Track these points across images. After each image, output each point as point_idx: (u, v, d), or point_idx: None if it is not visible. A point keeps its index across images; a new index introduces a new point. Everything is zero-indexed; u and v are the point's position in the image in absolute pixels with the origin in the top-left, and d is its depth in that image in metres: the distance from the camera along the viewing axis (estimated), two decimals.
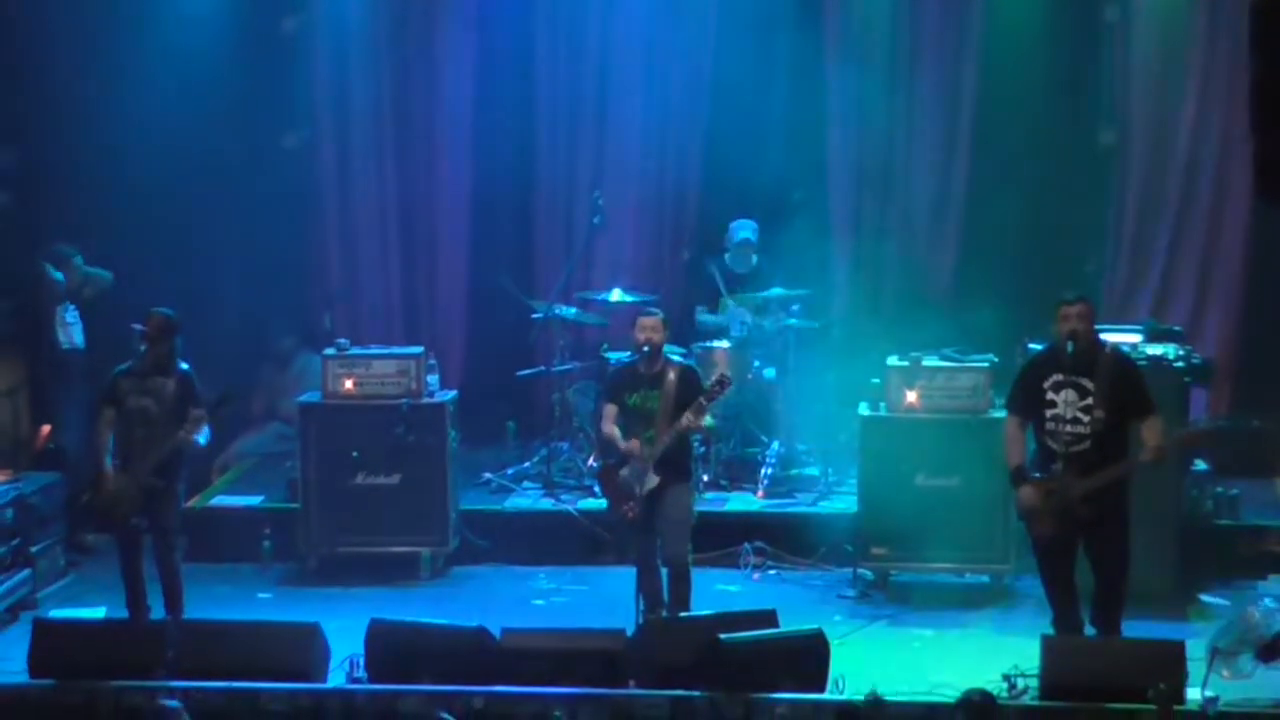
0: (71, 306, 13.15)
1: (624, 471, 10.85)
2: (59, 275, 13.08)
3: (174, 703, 8.71)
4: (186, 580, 11.13)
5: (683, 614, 10.69)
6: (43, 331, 13.12)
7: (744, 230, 13.67)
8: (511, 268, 14.37)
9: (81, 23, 14.05)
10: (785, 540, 12.47)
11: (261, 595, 12.25)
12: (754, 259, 13.67)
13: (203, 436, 10.98)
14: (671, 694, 9.68)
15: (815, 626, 10.13)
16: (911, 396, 11.97)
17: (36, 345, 13.21)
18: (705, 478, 12.96)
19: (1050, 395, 10.04)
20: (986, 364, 12.00)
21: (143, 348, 10.97)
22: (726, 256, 13.76)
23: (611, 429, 10.95)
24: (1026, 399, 10.19)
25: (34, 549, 12.14)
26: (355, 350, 12.77)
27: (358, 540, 12.51)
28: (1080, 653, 9.83)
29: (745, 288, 13.62)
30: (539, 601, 12.10)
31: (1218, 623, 10.40)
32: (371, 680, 10.05)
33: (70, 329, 13.16)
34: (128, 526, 10.94)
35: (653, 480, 10.76)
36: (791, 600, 11.59)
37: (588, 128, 14.66)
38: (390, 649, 10.09)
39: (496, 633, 10.10)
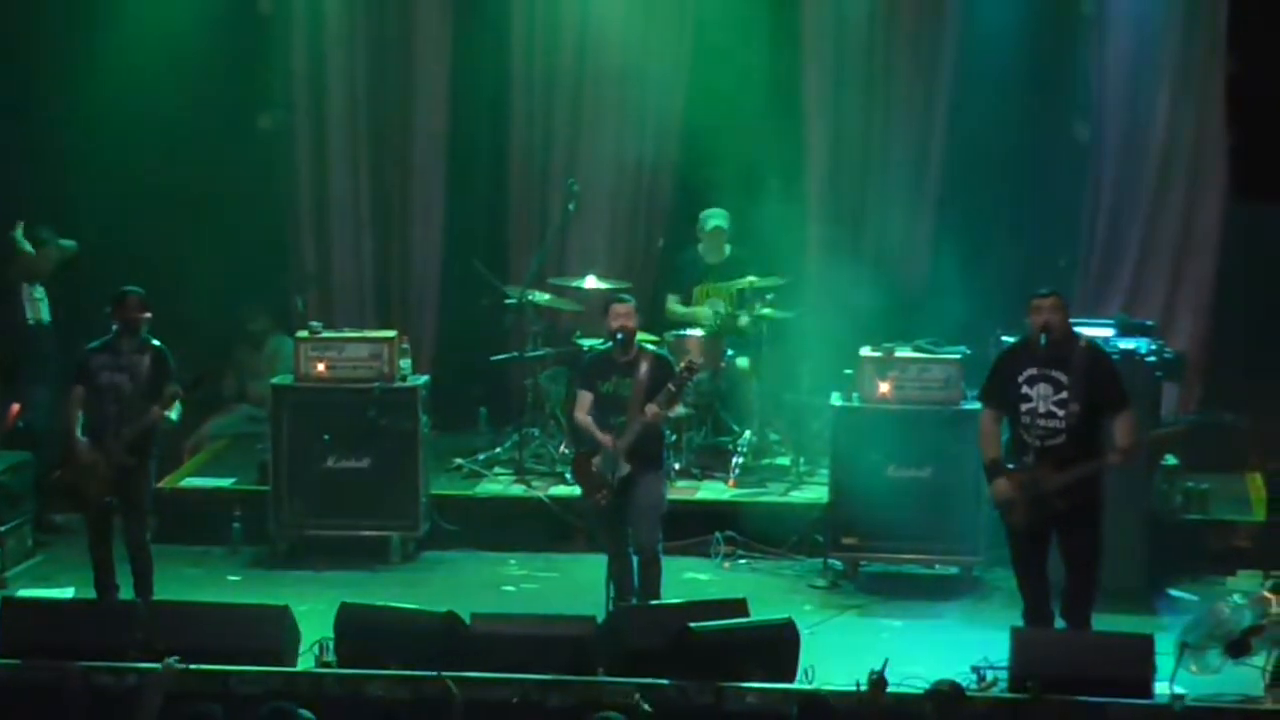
0: (39, 284, 13.11)
1: (596, 459, 10.85)
2: (29, 249, 13.03)
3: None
4: (156, 561, 11.10)
5: (653, 602, 10.70)
6: (11, 308, 13.07)
7: (715, 218, 13.62)
8: (485, 253, 14.32)
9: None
10: (756, 530, 12.45)
11: (231, 578, 12.20)
12: (727, 248, 13.65)
13: (174, 412, 10.96)
14: (641, 681, 9.69)
15: (785, 616, 10.14)
16: (884, 387, 11.98)
17: (5, 322, 13.14)
18: (677, 466, 12.91)
19: (1025, 389, 10.05)
20: (959, 356, 12.02)
21: (114, 325, 10.92)
22: (699, 246, 13.74)
23: (585, 417, 10.94)
24: (1001, 391, 10.21)
25: (2, 528, 12.09)
26: (328, 333, 12.74)
27: (328, 524, 12.48)
28: (1050, 645, 9.85)
29: (719, 277, 13.61)
30: (509, 588, 12.08)
31: (1186, 617, 10.42)
32: (341, 664, 10.04)
33: (38, 304, 13.10)
34: (98, 504, 10.90)
35: (624, 468, 10.76)
36: (762, 590, 11.58)
37: (563, 114, 14.59)
38: (360, 633, 10.08)
39: (466, 618, 10.10)
